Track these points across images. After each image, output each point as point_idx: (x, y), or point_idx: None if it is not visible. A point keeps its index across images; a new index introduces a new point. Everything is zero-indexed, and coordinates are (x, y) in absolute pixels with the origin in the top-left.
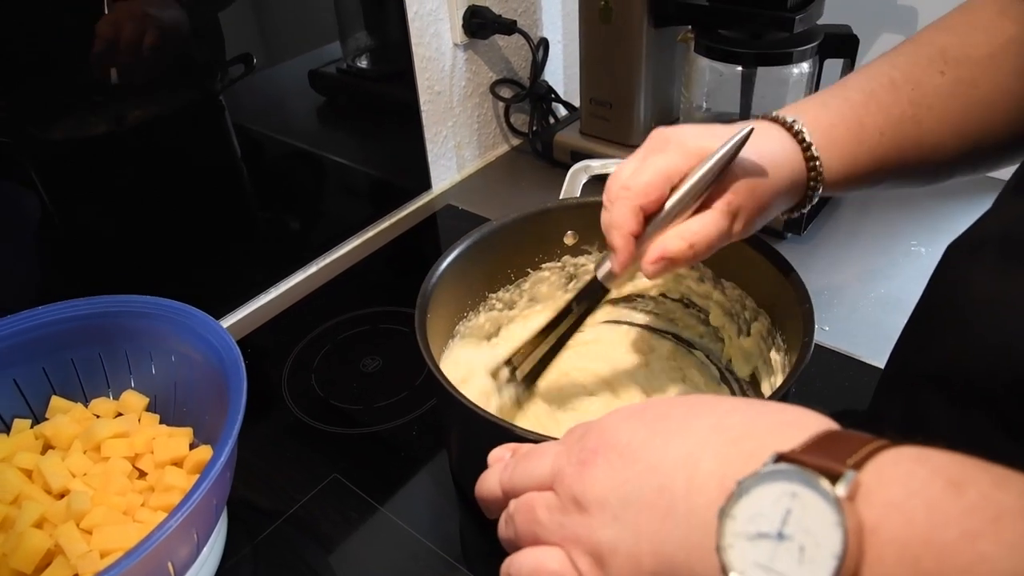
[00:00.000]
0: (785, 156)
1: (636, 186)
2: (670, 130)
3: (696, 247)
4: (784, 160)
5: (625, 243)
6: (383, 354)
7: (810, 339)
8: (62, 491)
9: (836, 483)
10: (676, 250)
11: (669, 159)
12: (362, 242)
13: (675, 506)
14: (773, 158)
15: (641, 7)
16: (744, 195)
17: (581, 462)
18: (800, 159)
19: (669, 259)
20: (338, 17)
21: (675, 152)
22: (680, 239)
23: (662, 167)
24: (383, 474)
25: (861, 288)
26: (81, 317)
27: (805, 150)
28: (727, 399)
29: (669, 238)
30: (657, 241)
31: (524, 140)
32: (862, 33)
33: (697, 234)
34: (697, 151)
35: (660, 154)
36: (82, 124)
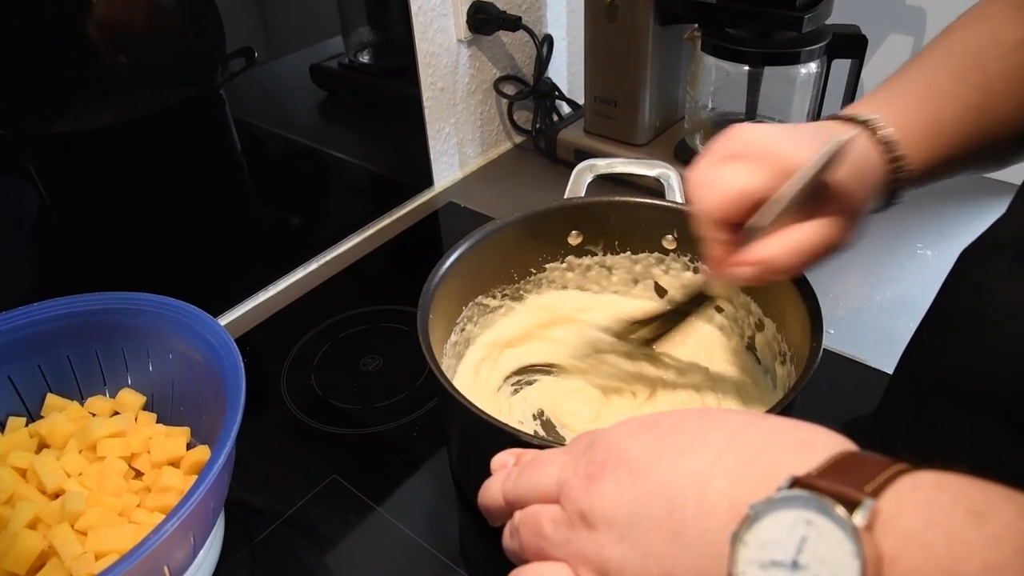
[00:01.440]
0: (869, 157)
1: (718, 200)
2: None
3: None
4: (870, 162)
5: (716, 253)
6: (383, 353)
7: (818, 344)
8: (57, 491)
9: (854, 511)
10: (776, 255)
11: (754, 173)
12: (363, 239)
13: (685, 528)
14: (860, 161)
15: (647, 5)
16: (844, 205)
17: (588, 476)
18: (880, 158)
19: (767, 264)
20: (340, 11)
21: (761, 164)
22: (783, 244)
23: (745, 184)
24: (382, 475)
25: (867, 291)
26: (78, 314)
27: (888, 151)
28: (741, 413)
29: (771, 243)
30: (757, 245)
31: (527, 138)
32: (870, 33)
33: (802, 242)
34: (786, 161)
35: (745, 165)
36: (81, 118)
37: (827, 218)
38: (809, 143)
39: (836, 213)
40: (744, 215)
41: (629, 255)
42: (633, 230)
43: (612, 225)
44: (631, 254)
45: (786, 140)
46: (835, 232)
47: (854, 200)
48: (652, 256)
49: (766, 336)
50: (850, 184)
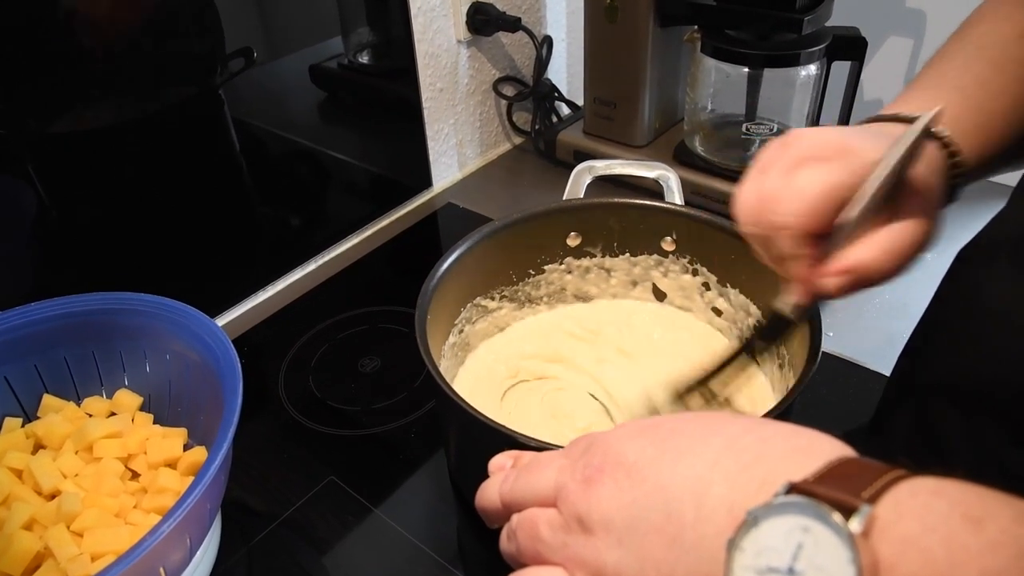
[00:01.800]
0: (929, 154)
1: (801, 209)
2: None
3: (894, 256)
4: (931, 156)
5: (807, 273)
6: (382, 354)
7: (817, 346)
8: (53, 492)
9: (850, 517)
10: (870, 259)
11: (836, 169)
12: (362, 240)
13: (683, 533)
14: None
15: (647, 6)
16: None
17: (586, 479)
18: (939, 154)
19: (860, 271)
20: (340, 12)
21: (840, 161)
22: (874, 248)
23: (831, 181)
24: (380, 477)
25: (866, 294)
26: (75, 314)
27: (944, 146)
28: (740, 418)
29: (859, 249)
30: (845, 253)
31: (527, 139)
32: (870, 35)
33: (895, 242)
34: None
35: (823, 165)
36: (81, 118)
37: (913, 214)
38: (872, 138)
39: (920, 208)
40: (831, 220)
41: (628, 257)
42: (632, 232)
43: (611, 227)
44: (630, 256)
45: (853, 137)
46: (923, 229)
47: (934, 193)
48: (651, 258)
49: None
50: (928, 176)
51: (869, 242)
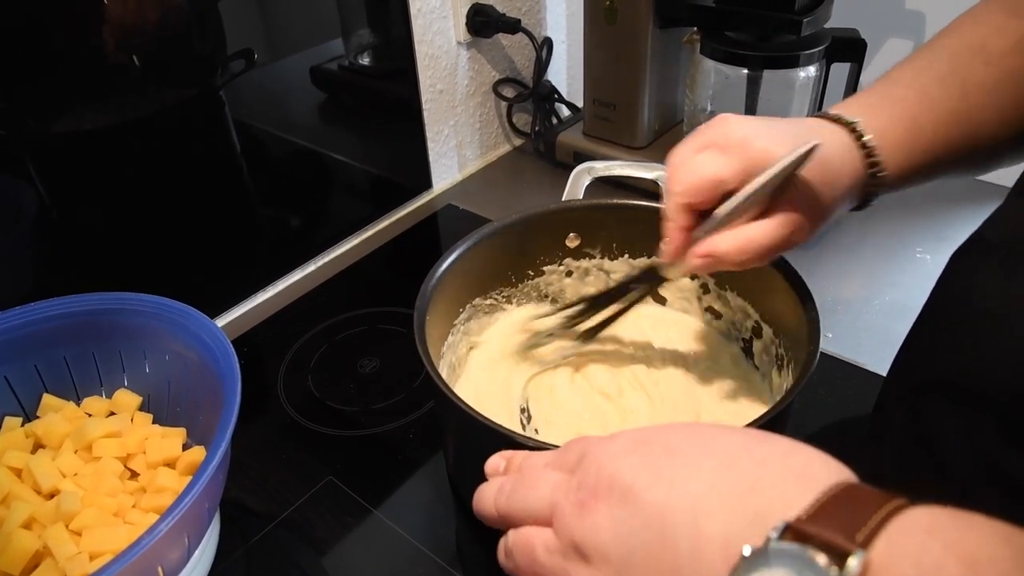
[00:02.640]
0: (846, 160)
1: (686, 185)
2: (734, 123)
3: (747, 252)
4: (846, 164)
5: (674, 236)
6: (381, 355)
7: (816, 347)
8: (52, 491)
9: (845, 562)
10: (724, 250)
11: (726, 163)
12: (361, 241)
13: (679, 567)
14: (835, 163)
15: (647, 8)
16: (807, 205)
17: (581, 504)
18: (860, 162)
19: (715, 258)
20: (341, 13)
21: (735, 155)
22: (733, 241)
23: (715, 172)
24: (379, 477)
25: (866, 295)
26: (75, 314)
27: (868, 155)
28: (734, 433)
29: (721, 238)
30: (710, 239)
31: (526, 140)
32: (870, 37)
33: (752, 240)
34: (760, 156)
35: (719, 154)
36: (81, 118)
37: (783, 217)
38: (788, 140)
39: (795, 212)
40: (711, 203)
41: (627, 259)
42: (631, 233)
43: (610, 228)
44: (629, 257)
45: (765, 135)
46: (787, 232)
47: (818, 202)
48: (651, 260)
49: (763, 340)
50: (817, 186)
51: (732, 235)
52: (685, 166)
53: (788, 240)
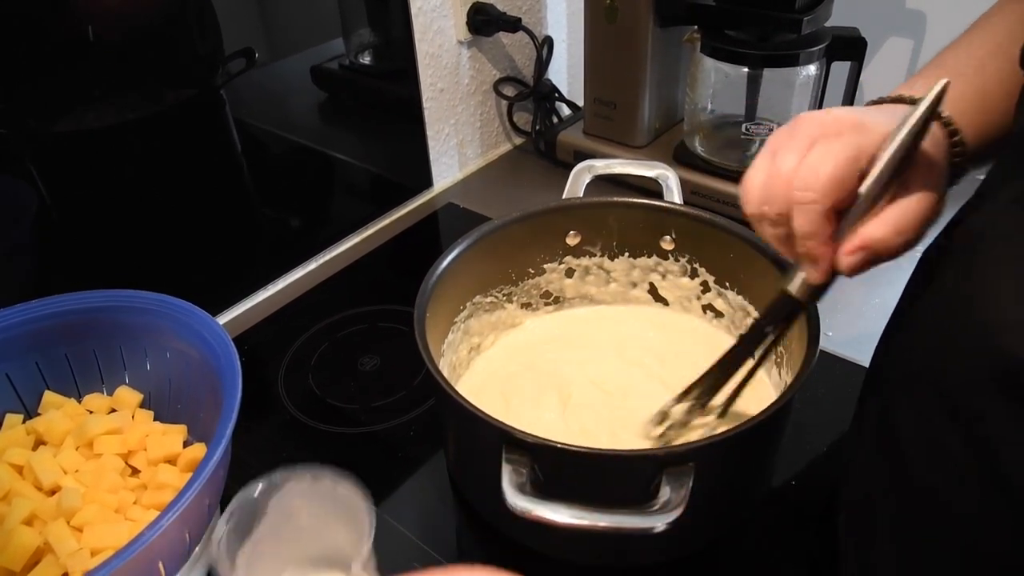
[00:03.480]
0: (933, 132)
1: (821, 184)
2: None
3: (904, 232)
4: (935, 136)
5: (826, 250)
6: (381, 353)
7: (815, 345)
8: (53, 488)
9: None
10: (882, 235)
11: (851, 142)
12: (362, 239)
13: None
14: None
15: (647, 7)
16: (937, 171)
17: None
18: (941, 134)
19: (871, 249)
20: (341, 13)
21: (854, 135)
22: (885, 223)
23: (846, 157)
24: (379, 475)
25: (865, 294)
26: (76, 312)
27: (945, 125)
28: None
29: (872, 226)
30: (858, 231)
31: (527, 139)
32: (870, 36)
33: (903, 217)
34: (876, 130)
35: (835, 141)
36: (82, 118)
37: (923, 186)
38: (881, 114)
39: (926, 184)
40: (851, 194)
41: (628, 258)
42: (631, 231)
43: (610, 226)
44: (629, 256)
45: (863, 113)
46: (932, 202)
47: (940, 169)
48: (651, 260)
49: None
50: (933, 151)
51: (880, 219)
52: (802, 168)
53: (935, 209)
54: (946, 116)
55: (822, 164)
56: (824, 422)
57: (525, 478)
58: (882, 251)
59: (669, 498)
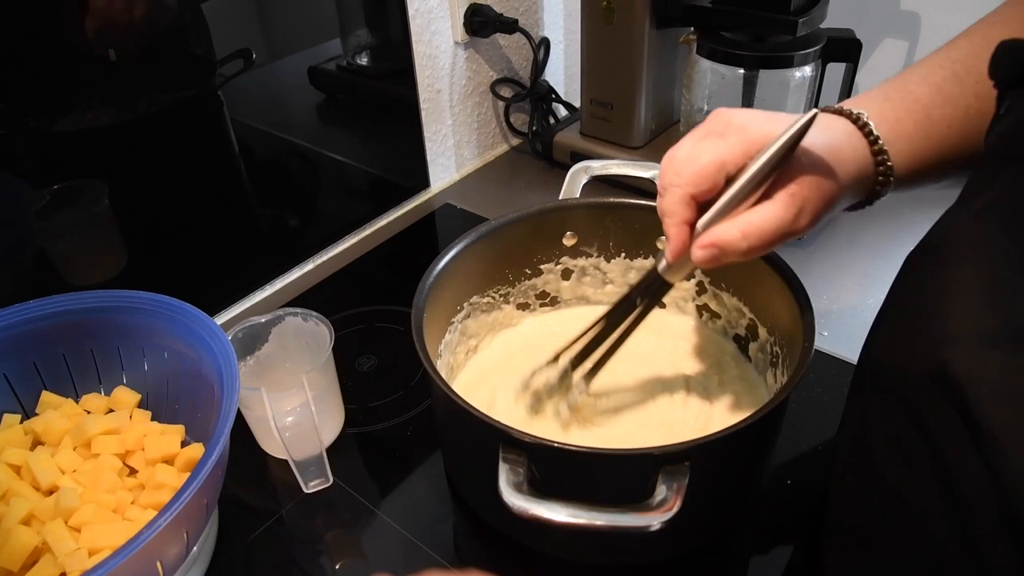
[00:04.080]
0: (852, 149)
1: (688, 174)
2: (732, 113)
3: (750, 238)
4: (851, 153)
5: (678, 231)
6: (378, 353)
7: (810, 345)
8: (51, 488)
9: None
10: (728, 239)
11: (726, 146)
12: (359, 240)
13: None
14: (839, 150)
15: (643, 8)
16: (810, 187)
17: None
18: (867, 153)
19: (720, 248)
20: (339, 14)
21: (735, 138)
22: (735, 228)
23: (717, 155)
24: (377, 474)
25: (860, 294)
26: (74, 312)
27: (872, 143)
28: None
29: (724, 227)
30: (712, 228)
31: (524, 140)
32: (865, 38)
33: (754, 225)
34: (759, 137)
35: (718, 139)
36: (80, 118)
37: (785, 197)
38: (773, 123)
39: (797, 192)
40: (713, 192)
41: (624, 259)
42: (627, 231)
43: (607, 226)
44: (626, 256)
45: (764, 120)
46: (791, 214)
47: (821, 185)
48: (647, 261)
49: (759, 338)
50: (819, 167)
51: (732, 222)
52: (685, 157)
53: (793, 223)
54: (874, 131)
55: (697, 158)
56: (819, 422)
57: (522, 477)
58: (728, 250)
59: (665, 496)
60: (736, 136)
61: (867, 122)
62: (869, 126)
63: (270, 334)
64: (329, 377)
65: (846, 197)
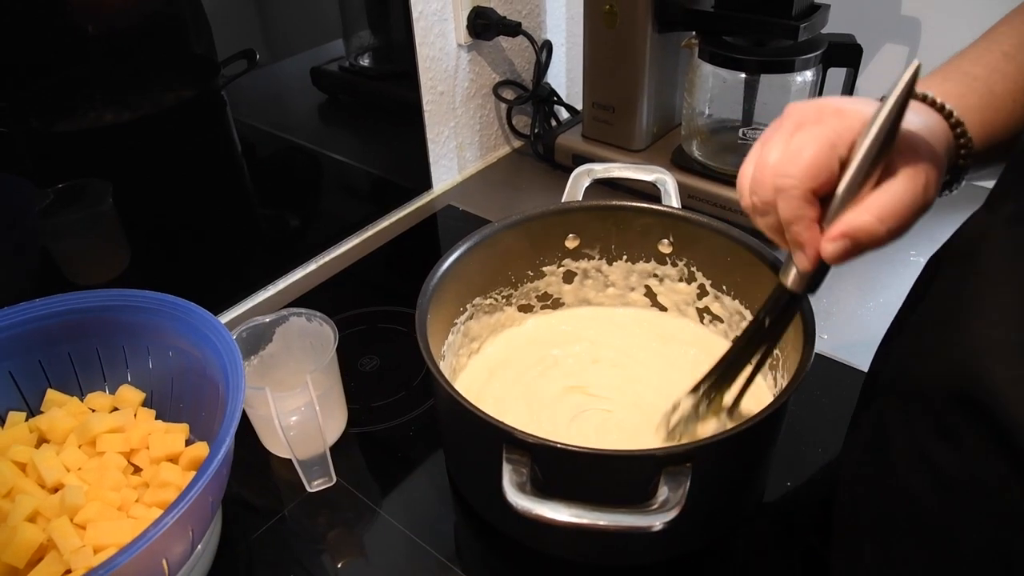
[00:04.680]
0: (933, 124)
1: (799, 170)
2: (816, 101)
3: (887, 220)
4: (936, 126)
5: (811, 235)
6: (381, 354)
7: (811, 348)
8: (56, 485)
9: None
10: (862, 225)
11: (830, 128)
12: (361, 241)
13: None
14: (926, 124)
15: (646, 12)
16: (925, 157)
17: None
18: (944, 127)
19: (853, 238)
20: (342, 15)
21: (834, 120)
22: (867, 214)
23: (825, 138)
24: (379, 474)
25: (860, 297)
26: (78, 311)
27: (947, 117)
28: None
29: (852, 215)
30: (841, 219)
31: (526, 142)
32: (866, 43)
33: (887, 205)
34: (858, 115)
35: (815, 126)
36: (83, 118)
37: (909, 170)
38: (863, 103)
39: (918, 162)
40: (833, 183)
41: (626, 262)
42: (629, 234)
43: (609, 229)
44: (628, 259)
45: (852, 101)
46: (919, 185)
47: (933, 151)
48: (648, 264)
49: None
50: (923, 134)
51: (863, 206)
52: (784, 156)
53: (924, 197)
54: (948, 108)
55: (801, 150)
56: (820, 425)
57: (525, 477)
58: (864, 239)
59: (667, 497)
60: (834, 119)
61: (935, 99)
62: (939, 102)
63: (274, 334)
64: (333, 377)
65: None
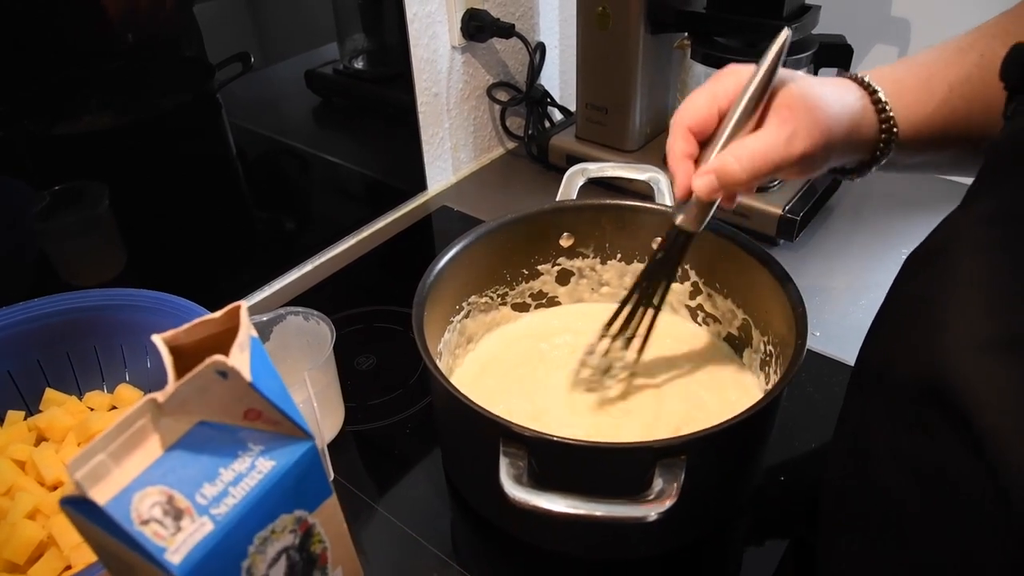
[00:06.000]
0: (845, 90)
1: (681, 111)
2: (731, 65)
3: (743, 161)
4: (850, 100)
5: (681, 165)
6: (377, 353)
7: (802, 344)
8: (55, 483)
9: None
10: (723, 165)
11: (717, 84)
12: (357, 242)
13: None
14: (837, 93)
15: (638, 14)
16: (800, 112)
17: None
18: (867, 104)
19: (717, 174)
20: (336, 18)
21: (727, 79)
22: (729, 155)
23: (709, 91)
24: (376, 471)
25: (852, 295)
26: (77, 310)
27: (871, 94)
28: None
29: (719, 155)
30: (713, 157)
31: (520, 143)
32: (856, 43)
33: (747, 148)
34: (747, 74)
35: (711, 83)
36: (80, 120)
37: (776, 119)
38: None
39: (788, 114)
40: (710, 127)
41: (620, 261)
42: (623, 233)
43: (603, 227)
44: (622, 258)
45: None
46: (781, 138)
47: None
48: (642, 263)
49: (753, 338)
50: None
51: (729, 148)
52: (683, 105)
53: (786, 147)
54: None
55: (691, 98)
56: (811, 420)
57: (522, 470)
58: (725, 177)
59: (662, 488)
60: (728, 77)
61: (863, 76)
62: (865, 79)
63: (271, 333)
64: (330, 375)
65: (847, 145)
